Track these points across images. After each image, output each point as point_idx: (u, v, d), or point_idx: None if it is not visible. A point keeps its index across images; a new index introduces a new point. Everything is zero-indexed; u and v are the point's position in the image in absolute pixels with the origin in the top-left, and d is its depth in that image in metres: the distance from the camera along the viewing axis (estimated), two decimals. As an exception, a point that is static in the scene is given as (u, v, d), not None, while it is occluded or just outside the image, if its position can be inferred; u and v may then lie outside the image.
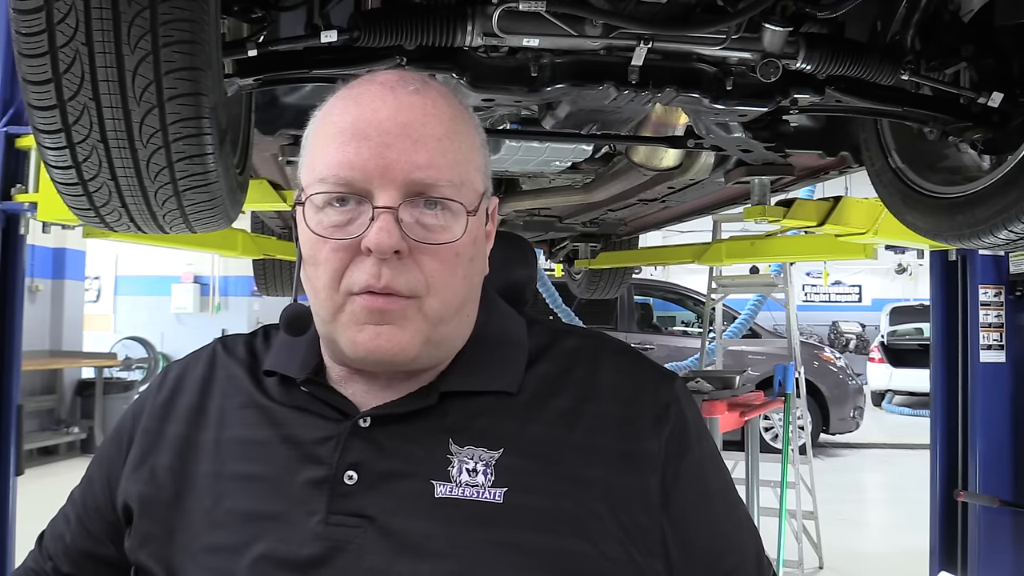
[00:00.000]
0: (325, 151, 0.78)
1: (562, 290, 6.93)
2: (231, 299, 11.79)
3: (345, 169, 0.76)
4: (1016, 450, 3.01)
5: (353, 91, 0.80)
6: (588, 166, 2.85)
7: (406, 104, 0.77)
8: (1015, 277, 3.06)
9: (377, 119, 0.76)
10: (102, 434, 8.05)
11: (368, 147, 0.75)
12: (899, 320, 13.67)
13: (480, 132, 0.84)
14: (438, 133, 0.77)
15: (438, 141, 0.77)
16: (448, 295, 0.78)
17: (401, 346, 0.77)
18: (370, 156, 0.75)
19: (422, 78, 0.82)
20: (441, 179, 0.76)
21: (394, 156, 0.75)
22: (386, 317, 0.76)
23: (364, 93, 0.79)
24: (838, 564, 4.94)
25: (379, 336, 0.76)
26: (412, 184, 0.75)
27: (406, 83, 0.80)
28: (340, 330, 0.78)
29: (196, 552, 0.78)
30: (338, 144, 0.77)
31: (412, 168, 0.75)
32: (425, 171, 0.76)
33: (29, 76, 1.16)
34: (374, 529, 0.75)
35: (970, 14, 1.72)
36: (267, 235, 4.22)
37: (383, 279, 0.75)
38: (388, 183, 0.75)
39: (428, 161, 0.76)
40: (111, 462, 0.89)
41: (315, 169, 0.78)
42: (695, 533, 0.81)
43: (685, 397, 0.86)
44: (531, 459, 0.77)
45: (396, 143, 0.75)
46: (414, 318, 0.77)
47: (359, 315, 0.76)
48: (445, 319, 0.79)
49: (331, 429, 0.80)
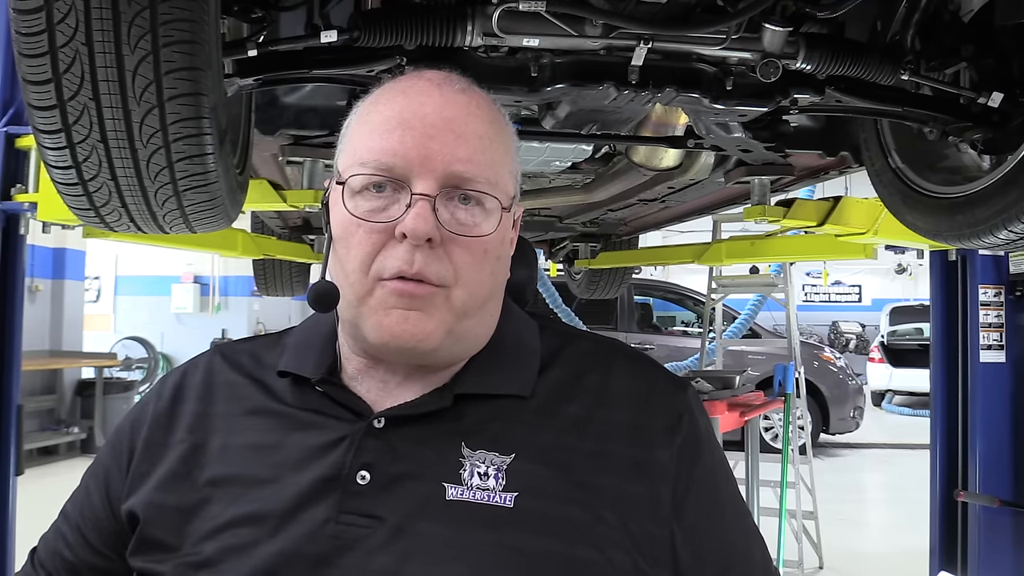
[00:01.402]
0: (369, 137, 0.80)
1: (562, 290, 6.93)
2: (231, 299, 11.79)
3: (388, 155, 0.77)
4: (1016, 450, 3.01)
5: (400, 84, 0.83)
6: (588, 166, 2.85)
7: (452, 101, 0.80)
8: (1015, 277, 3.06)
9: (423, 111, 0.79)
10: (102, 434, 8.05)
11: (412, 136, 0.77)
12: (899, 320, 13.67)
13: (515, 139, 0.87)
14: (480, 132, 0.79)
15: (479, 139, 0.79)
16: (475, 288, 0.79)
17: (426, 333, 0.77)
18: (413, 145, 0.77)
19: (468, 81, 0.84)
20: (479, 175, 0.78)
21: (436, 147, 0.77)
22: (415, 303, 0.77)
23: (411, 87, 0.81)
24: (838, 564, 4.94)
25: (406, 320, 0.77)
26: (451, 176, 0.77)
27: (452, 82, 0.82)
28: (367, 314, 0.79)
29: (206, 554, 0.78)
30: (382, 132, 0.79)
31: (453, 160, 0.77)
32: (465, 164, 0.78)
33: (29, 76, 1.16)
34: (384, 530, 0.75)
35: (970, 14, 1.72)
36: (267, 235, 4.22)
37: (416, 265, 0.76)
38: (428, 172, 0.77)
39: (468, 156, 0.78)
40: (109, 473, 0.88)
41: (356, 153, 0.80)
42: (706, 542, 0.81)
43: (697, 406, 0.86)
44: (542, 465, 0.78)
45: (439, 135, 0.77)
46: (441, 307, 0.78)
47: (388, 299, 0.77)
48: (470, 312, 0.80)
49: (345, 429, 0.80)
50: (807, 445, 5.25)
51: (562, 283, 6.54)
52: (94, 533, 0.89)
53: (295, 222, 4.10)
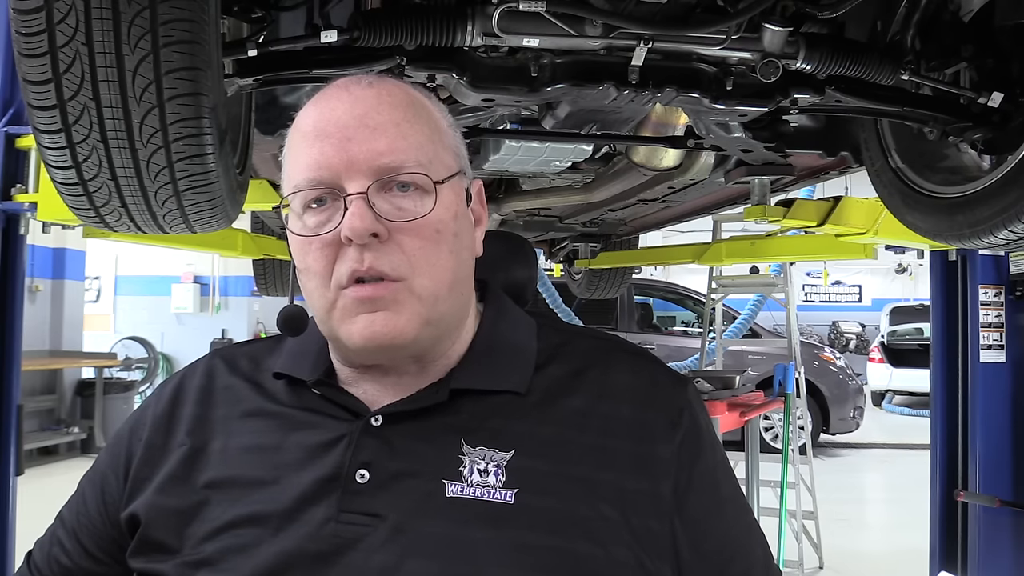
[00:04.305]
0: (296, 158, 0.80)
1: (562, 290, 6.93)
2: (231, 299, 11.78)
3: (313, 170, 0.78)
4: (1016, 450, 3.01)
5: (314, 99, 0.83)
6: (588, 166, 2.85)
7: (360, 97, 0.80)
8: (1015, 277, 3.06)
9: (335, 116, 0.79)
10: (102, 434, 8.05)
11: (331, 143, 0.78)
12: (899, 320, 13.67)
13: (445, 114, 0.86)
14: (395, 119, 0.79)
15: (396, 126, 0.79)
16: (436, 271, 0.79)
17: (399, 329, 0.77)
18: (334, 152, 0.77)
19: (377, 75, 0.85)
20: (407, 160, 0.78)
21: (355, 147, 0.77)
22: (378, 304, 0.77)
23: (321, 97, 0.82)
24: (838, 564, 4.94)
25: (373, 323, 0.77)
26: (377, 170, 0.77)
27: (359, 80, 0.82)
28: (336, 325, 0.79)
29: (207, 555, 0.78)
30: (304, 148, 0.79)
31: (374, 155, 0.77)
32: (388, 156, 0.78)
33: (29, 76, 1.16)
34: (385, 527, 0.75)
35: (970, 14, 1.72)
36: (267, 235, 4.22)
37: (366, 262, 0.76)
38: (355, 173, 0.77)
39: (389, 146, 0.78)
40: (107, 479, 0.88)
41: (289, 176, 0.81)
42: (707, 538, 0.82)
43: (697, 402, 0.86)
44: (542, 460, 0.78)
45: (356, 135, 0.78)
46: (407, 301, 0.77)
47: (350, 307, 0.77)
48: (440, 297, 0.79)
49: (343, 428, 0.80)
50: (807, 445, 5.25)
51: (562, 283, 6.54)
52: (90, 538, 0.89)
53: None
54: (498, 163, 2.48)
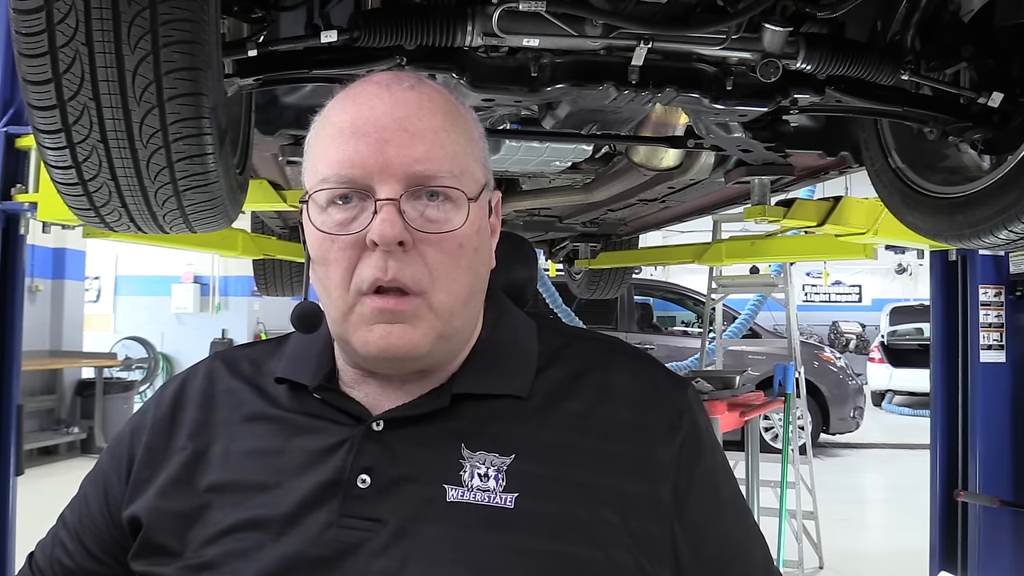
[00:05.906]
0: (326, 151, 0.79)
1: (562, 290, 6.93)
2: (231, 299, 11.79)
3: (346, 167, 0.77)
4: (1016, 450, 3.01)
5: (350, 92, 0.81)
6: (588, 166, 2.85)
7: (401, 100, 0.79)
8: (1015, 277, 3.06)
9: (374, 116, 0.78)
10: (102, 434, 8.04)
11: (367, 144, 0.76)
12: (899, 320, 13.67)
13: (478, 125, 0.85)
14: (435, 126, 0.78)
15: (435, 134, 0.78)
16: (455, 287, 0.79)
17: (414, 343, 0.77)
18: (369, 153, 0.76)
19: (417, 76, 0.84)
20: (441, 170, 0.77)
21: (392, 151, 0.76)
22: (396, 317, 0.77)
23: (360, 93, 0.80)
24: (838, 564, 4.94)
25: (390, 335, 0.77)
26: (412, 177, 0.76)
27: (401, 80, 0.81)
28: (351, 330, 0.78)
29: (209, 558, 0.78)
30: (338, 143, 0.78)
31: (411, 161, 0.76)
32: (424, 163, 0.77)
33: (29, 76, 1.16)
34: (386, 532, 0.75)
35: (970, 14, 1.72)
36: (267, 235, 4.22)
37: (390, 272, 0.75)
38: (388, 177, 0.76)
39: (426, 154, 0.77)
40: (109, 480, 0.88)
41: (317, 170, 0.79)
42: (706, 541, 0.81)
43: (697, 404, 0.86)
44: (543, 465, 0.78)
45: (394, 138, 0.77)
46: (425, 316, 0.77)
47: (368, 316, 0.77)
48: (456, 313, 0.79)
49: (344, 433, 0.80)
50: (807, 445, 5.25)
51: (562, 283, 6.53)
52: (92, 540, 0.88)
53: (295, 222, 4.10)
54: (498, 163, 2.47)
